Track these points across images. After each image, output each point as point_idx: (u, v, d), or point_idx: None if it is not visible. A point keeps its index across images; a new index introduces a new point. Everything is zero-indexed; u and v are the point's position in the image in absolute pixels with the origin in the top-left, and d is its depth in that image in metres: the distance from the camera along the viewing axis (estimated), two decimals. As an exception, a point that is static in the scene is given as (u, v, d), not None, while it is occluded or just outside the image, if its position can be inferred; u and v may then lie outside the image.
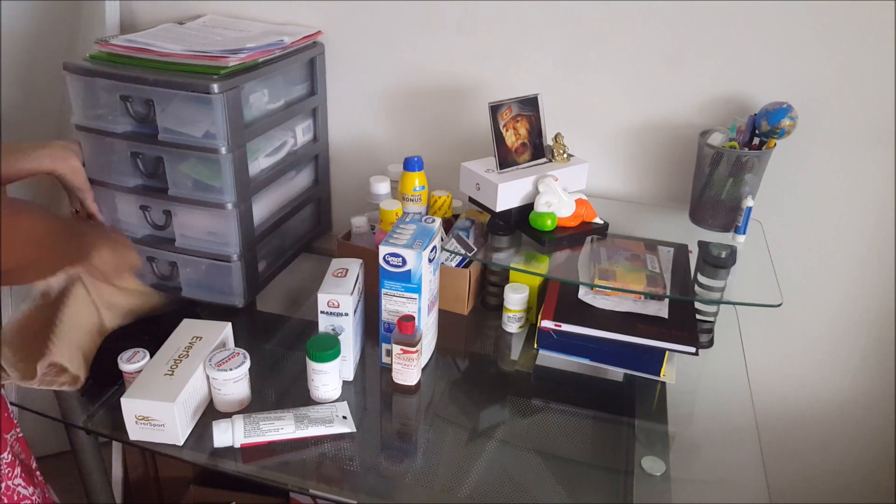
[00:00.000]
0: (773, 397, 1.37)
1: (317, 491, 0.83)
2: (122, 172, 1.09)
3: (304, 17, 1.30)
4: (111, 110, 1.06)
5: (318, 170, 1.38)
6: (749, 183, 1.11)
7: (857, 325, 1.27)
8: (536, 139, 1.12)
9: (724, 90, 1.15)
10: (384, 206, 1.15)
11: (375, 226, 1.21)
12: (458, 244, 1.11)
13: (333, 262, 1.03)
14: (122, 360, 0.93)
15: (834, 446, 1.39)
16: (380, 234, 1.17)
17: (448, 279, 1.14)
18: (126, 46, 1.07)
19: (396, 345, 0.95)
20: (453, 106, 1.31)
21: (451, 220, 1.24)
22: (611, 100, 1.22)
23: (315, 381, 0.94)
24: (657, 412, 0.98)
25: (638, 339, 1.00)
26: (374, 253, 1.13)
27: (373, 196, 1.24)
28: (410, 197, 1.20)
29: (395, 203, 1.16)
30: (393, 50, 1.30)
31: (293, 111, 1.23)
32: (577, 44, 1.19)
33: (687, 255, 1.11)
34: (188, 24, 1.26)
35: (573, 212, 1.09)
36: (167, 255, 1.14)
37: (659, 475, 0.86)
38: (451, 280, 1.15)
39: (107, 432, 0.92)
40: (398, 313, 0.97)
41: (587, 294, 1.06)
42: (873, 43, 1.06)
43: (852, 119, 1.12)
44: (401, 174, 1.21)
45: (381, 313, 0.99)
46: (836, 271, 1.24)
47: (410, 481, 0.85)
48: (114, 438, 0.93)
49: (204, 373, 0.91)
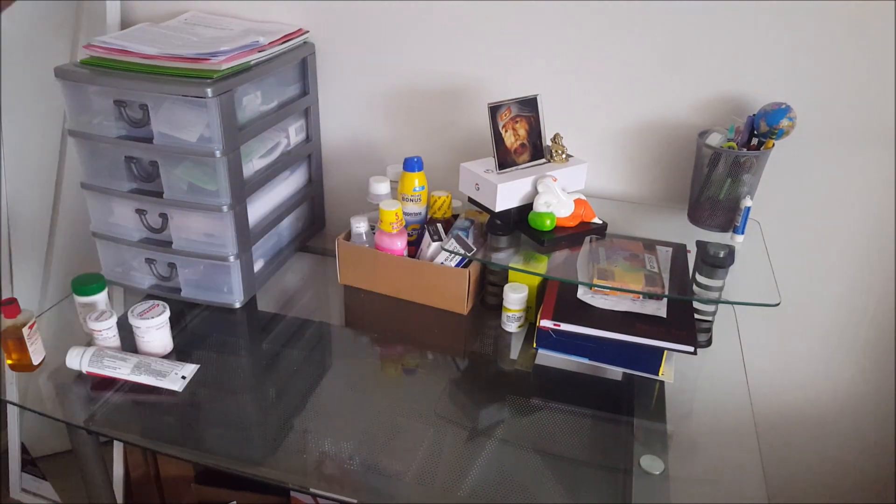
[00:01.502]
0: (771, 396, 1.37)
1: (317, 490, 0.84)
2: (117, 177, 1.10)
3: (294, 17, 1.30)
4: (105, 115, 1.06)
5: (312, 169, 1.39)
6: (747, 183, 1.11)
7: (855, 324, 1.28)
8: (536, 140, 1.13)
9: (723, 90, 1.16)
10: (384, 207, 1.15)
11: (375, 226, 1.21)
12: (458, 244, 1.11)
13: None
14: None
15: (832, 445, 1.40)
16: (380, 235, 1.17)
17: (448, 278, 1.15)
18: (105, 48, 1.07)
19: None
20: (452, 106, 1.31)
21: (451, 220, 1.25)
22: (609, 100, 1.22)
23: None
24: (656, 411, 0.99)
25: (637, 338, 1.00)
26: (375, 253, 1.17)
27: (372, 196, 1.24)
28: (410, 197, 1.20)
29: (394, 203, 1.16)
30: (385, 50, 1.30)
31: (286, 112, 1.24)
32: (576, 44, 1.19)
33: (685, 255, 1.11)
34: (167, 24, 1.25)
35: (572, 212, 1.09)
36: (165, 256, 1.15)
37: (658, 474, 0.87)
38: (450, 279, 1.15)
39: (108, 432, 0.93)
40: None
41: (586, 294, 1.06)
42: (873, 43, 1.06)
43: (851, 119, 1.12)
44: (400, 174, 1.21)
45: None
46: (834, 271, 1.24)
47: (410, 481, 0.85)
48: (115, 438, 0.94)
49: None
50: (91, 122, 1.08)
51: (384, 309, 1.20)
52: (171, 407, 0.95)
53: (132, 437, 0.91)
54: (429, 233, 1.18)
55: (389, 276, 1.20)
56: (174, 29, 1.22)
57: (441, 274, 1.15)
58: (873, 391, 1.33)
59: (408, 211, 1.21)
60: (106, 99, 1.05)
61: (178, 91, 1.00)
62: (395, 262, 1.18)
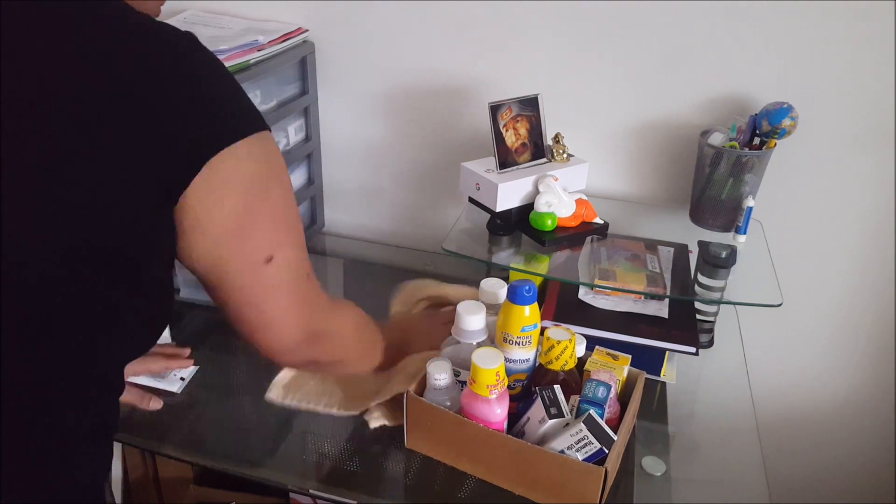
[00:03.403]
0: (773, 397, 1.37)
1: (316, 491, 0.83)
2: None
3: (293, 16, 1.30)
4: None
5: (311, 169, 1.38)
6: (749, 183, 1.11)
7: (857, 324, 1.27)
8: (537, 139, 1.12)
9: (725, 90, 1.15)
10: (480, 364, 0.77)
11: (461, 377, 0.85)
12: (588, 431, 0.74)
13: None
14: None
15: (834, 446, 1.39)
16: (469, 396, 0.81)
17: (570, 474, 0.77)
18: None
19: None
20: (452, 106, 1.31)
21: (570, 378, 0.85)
22: (611, 99, 1.22)
23: None
24: (657, 412, 0.98)
25: (638, 339, 0.99)
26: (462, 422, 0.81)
27: (462, 333, 0.85)
28: (517, 339, 0.83)
29: (497, 357, 0.78)
30: (385, 49, 1.29)
31: (285, 111, 1.23)
32: (577, 43, 1.19)
33: (687, 255, 1.11)
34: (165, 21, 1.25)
35: (573, 212, 1.09)
36: (166, 255, 1.14)
37: (659, 475, 0.86)
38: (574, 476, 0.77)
39: (106, 433, 0.92)
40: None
41: (587, 294, 1.06)
42: (873, 43, 1.06)
43: (853, 119, 1.12)
44: (502, 305, 0.84)
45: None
46: (836, 271, 1.24)
47: (410, 481, 0.85)
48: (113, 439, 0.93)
49: None
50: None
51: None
52: (170, 408, 0.95)
53: (131, 438, 0.91)
54: (542, 401, 0.79)
55: (480, 453, 0.83)
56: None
57: (560, 466, 0.77)
58: (876, 391, 1.32)
59: (511, 358, 0.84)
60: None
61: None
62: (492, 440, 0.81)
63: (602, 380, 0.81)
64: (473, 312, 0.85)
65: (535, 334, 0.84)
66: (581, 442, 0.75)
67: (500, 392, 0.79)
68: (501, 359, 0.78)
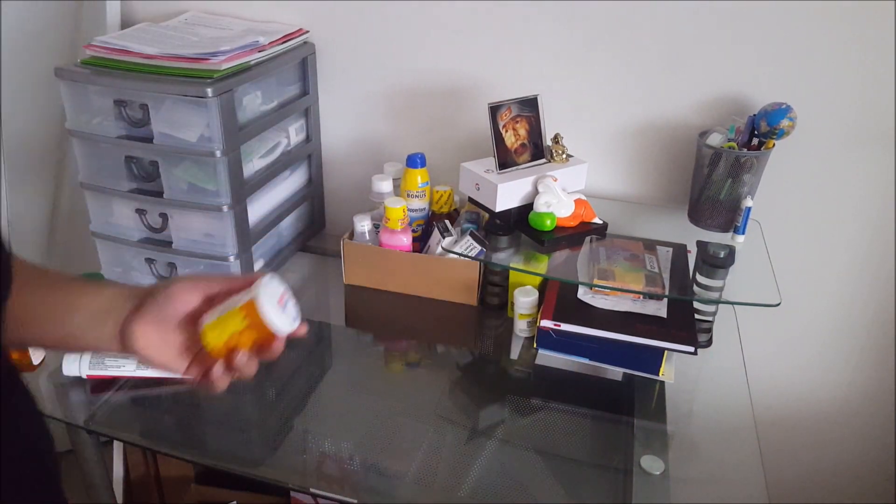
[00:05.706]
0: (771, 396, 1.37)
1: (317, 490, 0.84)
2: (117, 177, 1.10)
3: (294, 17, 1.30)
4: (105, 115, 1.06)
5: (312, 169, 1.39)
6: (748, 183, 1.11)
7: (855, 324, 1.28)
8: (536, 139, 1.13)
9: (723, 90, 1.16)
10: (390, 205, 1.16)
11: (379, 224, 1.21)
12: (473, 240, 1.12)
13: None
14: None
15: (832, 445, 1.40)
16: (384, 232, 1.18)
17: (458, 271, 1.17)
18: (105, 48, 1.07)
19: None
20: (452, 106, 1.31)
21: (453, 215, 1.26)
22: (610, 100, 1.22)
23: None
24: (656, 411, 0.99)
25: (637, 338, 1.00)
26: (381, 252, 1.21)
27: (375, 194, 1.25)
28: (415, 193, 1.21)
29: (400, 201, 1.17)
30: (385, 50, 1.30)
31: (286, 112, 1.24)
32: (576, 44, 1.19)
33: (686, 255, 1.11)
34: (167, 23, 1.25)
35: (572, 212, 1.09)
36: (165, 256, 1.15)
37: (658, 474, 0.87)
38: (461, 272, 1.17)
39: (108, 432, 0.93)
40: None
41: (586, 294, 1.06)
42: (873, 43, 1.06)
43: (851, 119, 1.12)
44: (403, 171, 1.22)
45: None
46: (834, 271, 1.24)
47: (410, 481, 0.85)
48: (115, 438, 0.94)
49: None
50: (91, 122, 1.08)
51: (387, 306, 1.20)
52: (171, 407, 0.95)
53: (132, 437, 0.91)
54: (438, 229, 1.18)
55: (398, 272, 1.21)
56: (174, 29, 1.21)
57: (452, 267, 1.17)
58: (874, 391, 1.33)
59: (412, 207, 1.22)
60: (106, 99, 1.05)
61: (179, 91, 1.00)
62: (405, 259, 1.19)
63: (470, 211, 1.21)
64: (384, 180, 1.23)
65: (428, 190, 1.22)
66: (469, 247, 1.12)
67: (405, 226, 1.17)
68: (404, 202, 1.16)
